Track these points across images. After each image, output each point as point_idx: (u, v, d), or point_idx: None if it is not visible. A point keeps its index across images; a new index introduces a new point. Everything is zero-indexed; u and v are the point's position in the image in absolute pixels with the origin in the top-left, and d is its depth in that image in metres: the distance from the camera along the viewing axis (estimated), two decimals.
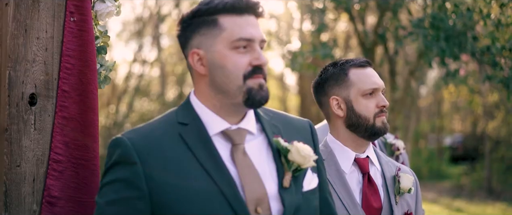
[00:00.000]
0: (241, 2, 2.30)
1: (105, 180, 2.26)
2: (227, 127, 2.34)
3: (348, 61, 3.18)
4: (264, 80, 2.32)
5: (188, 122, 2.33)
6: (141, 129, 2.34)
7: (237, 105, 2.32)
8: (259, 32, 2.32)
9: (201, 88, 2.37)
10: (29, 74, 2.65)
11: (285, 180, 2.32)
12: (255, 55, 2.30)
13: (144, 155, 2.22)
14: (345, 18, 10.76)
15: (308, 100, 19.24)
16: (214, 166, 2.24)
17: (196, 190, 2.20)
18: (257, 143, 2.39)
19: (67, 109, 2.77)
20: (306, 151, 2.35)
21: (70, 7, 2.79)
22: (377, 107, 3.08)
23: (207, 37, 2.30)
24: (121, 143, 2.25)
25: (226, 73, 2.28)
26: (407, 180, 3.11)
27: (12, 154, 2.58)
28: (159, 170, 2.21)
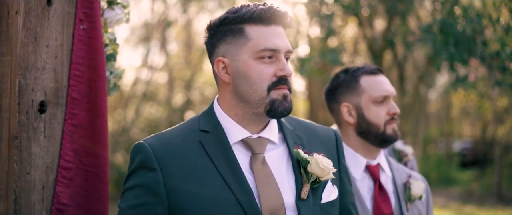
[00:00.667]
0: (268, 12, 2.31)
1: (127, 185, 2.31)
2: (247, 136, 2.35)
3: (360, 68, 3.17)
4: (288, 91, 2.33)
5: (210, 129, 2.35)
6: (162, 135, 2.37)
7: (259, 115, 2.34)
8: (285, 42, 2.33)
9: (224, 96, 2.39)
10: (39, 82, 2.66)
11: (303, 191, 2.33)
12: (280, 66, 2.31)
13: (164, 162, 2.25)
14: (354, 23, 10.75)
15: (316, 105, 19.20)
16: (232, 174, 2.25)
17: (213, 197, 2.21)
18: (278, 153, 2.40)
19: (77, 116, 2.77)
20: (325, 163, 2.34)
21: (80, 15, 2.80)
22: (388, 114, 3.07)
23: (233, 46, 2.32)
24: (142, 149, 2.29)
25: (249, 83, 2.29)
26: (418, 187, 3.10)
27: (22, 161, 2.59)
28: (177, 177, 2.24)
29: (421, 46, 8.12)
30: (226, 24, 2.34)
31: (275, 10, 2.33)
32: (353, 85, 3.13)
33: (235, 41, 2.32)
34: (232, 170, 2.27)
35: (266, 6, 2.33)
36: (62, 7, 2.74)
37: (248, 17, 2.31)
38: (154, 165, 2.25)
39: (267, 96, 2.29)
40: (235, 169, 2.27)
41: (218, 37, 2.36)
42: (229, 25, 2.33)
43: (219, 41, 2.36)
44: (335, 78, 3.23)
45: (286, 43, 2.34)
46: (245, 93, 2.31)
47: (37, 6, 2.64)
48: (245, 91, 2.31)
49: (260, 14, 2.31)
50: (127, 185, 2.31)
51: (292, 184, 2.35)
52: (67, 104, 2.76)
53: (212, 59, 2.41)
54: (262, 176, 2.29)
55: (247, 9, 2.32)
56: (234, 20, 2.32)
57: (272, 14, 2.32)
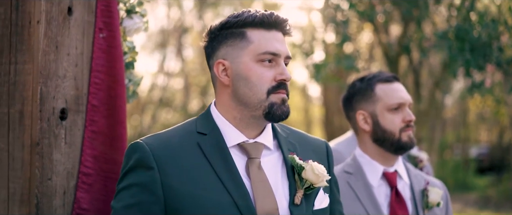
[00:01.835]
0: (270, 18, 2.35)
1: (122, 184, 2.30)
2: (244, 140, 2.36)
3: (375, 76, 3.20)
4: (287, 96, 2.35)
5: (207, 132, 2.36)
6: (160, 135, 2.38)
7: (257, 118, 2.35)
8: (285, 48, 2.36)
9: (223, 99, 2.40)
10: (60, 89, 2.71)
11: (297, 197, 2.34)
12: (279, 70, 2.33)
13: (162, 161, 2.26)
14: (369, 29, 10.76)
15: (332, 111, 19.20)
16: (230, 178, 2.27)
17: (210, 199, 2.23)
18: (272, 159, 2.41)
19: (96, 123, 2.82)
20: (321, 170, 2.36)
21: (99, 23, 2.85)
22: (403, 122, 3.09)
23: (234, 49, 2.34)
24: (140, 147, 2.29)
25: (249, 85, 2.32)
26: (435, 194, 3.11)
27: (44, 167, 2.64)
28: (175, 177, 2.25)
29: (436, 52, 8.11)
30: (228, 27, 2.37)
31: (276, 16, 2.36)
32: (368, 93, 3.16)
33: (236, 44, 2.34)
34: (230, 173, 2.28)
35: (268, 12, 2.37)
36: (82, 16, 2.80)
37: (250, 21, 2.34)
38: (152, 164, 2.25)
39: (266, 99, 2.31)
40: (233, 172, 2.29)
41: (219, 40, 2.39)
42: (231, 28, 2.36)
43: (219, 44, 2.38)
44: (351, 86, 3.27)
45: (286, 49, 2.37)
46: (244, 96, 2.33)
47: (58, 15, 2.70)
48: (245, 94, 2.32)
49: (262, 19, 2.34)
50: (122, 185, 2.30)
51: (285, 190, 2.36)
52: (87, 111, 2.81)
53: (211, 62, 2.42)
54: (258, 180, 2.30)
55: (249, 14, 2.35)
56: (236, 24, 2.35)
57: (274, 19, 2.36)
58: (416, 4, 8.20)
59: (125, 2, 3.00)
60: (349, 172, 3.17)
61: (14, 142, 2.61)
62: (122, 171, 2.33)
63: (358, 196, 3.07)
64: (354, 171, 3.15)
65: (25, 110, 2.59)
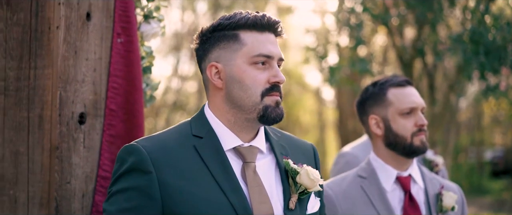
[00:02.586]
0: (262, 20, 2.33)
1: (116, 187, 2.25)
2: (240, 144, 2.35)
3: (388, 80, 3.20)
4: (280, 99, 2.34)
5: (203, 135, 2.34)
6: (155, 138, 2.34)
7: (251, 121, 2.34)
8: (278, 50, 2.35)
9: (216, 102, 2.38)
10: (78, 94, 2.74)
11: (291, 201, 2.34)
12: (273, 72, 2.32)
13: (159, 164, 2.22)
14: (383, 32, 10.75)
15: (346, 114, 19.18)
16: (227, 182, 2.26)
17: (208, 203, 2.21)
18: (266, 162, 2.40)
19: (115, 127, 2.85)
20: (315, 175, 2.35)
21: (117, 29, 2.88)
22: (415, 126, 3.09)
23: (226, 51, 2.33)
24: (136, 150, 2.25)
25: (243, 87, 2.30)
26: (449, 198, 3.11)
27: (63, 171, 2.67)
28: (173, 180, 2.21)
29: (451, 55, 8.09)
30: (220, 30, 2.35)
31: (269, 18, 2.35)
32: (380, 98, 3.17)
33: (229, 46, 2.32)
34: (228, 177, 2.26)
35: (260, 14, 2.35)
36: (100, 22, 2.83)
37: (243, 23, 2.32)
38: (150, 167, 2.21)
39: (260, 101, 2.29)
40: (231, 176, 2.27)
41: (211, 43, 2.36)
42: (223, 31, 2.34)
43: (212, 46, 2.36)
44: (364, 91, 3.28)
45: (279, 51, 2.36)
46: (238, 99, 2.31)
47: (77, 21, 2.73)
48: (239, 96, 2.31)
49: (255, 21, 2.32)
50: (116, 188, 2.24)
51: (280, 194, 2.36)
52: (106, 115, 2.84)
53: (203, 65, 2.40)
54: (254, 185, 2.29)
55: (242, 16, 2.34)
56: (229, 26, 2.33)
57: (266, 21, 2.34)
58: (431, 7, 8.18)
59: (142, 7, 3.04)
60: (363, 176, 3.18)
61: (33, 146, 2.64)
62: (114, 174, 2.28)
63: (372, 200, 3.08)
64: (367, 175, 3.16)
65: (44, 114, 2.63)
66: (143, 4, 3.04)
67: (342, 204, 3.09)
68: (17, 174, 2.65)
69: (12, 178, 2.66)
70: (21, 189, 2.64)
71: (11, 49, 2.67)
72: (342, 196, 3.12)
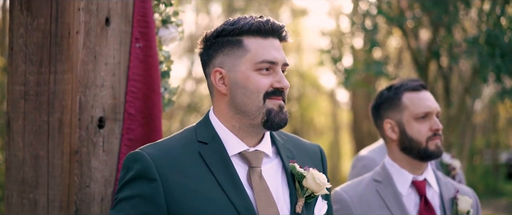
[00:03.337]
0: (266, 25, 2.32)
1: (122, 194, 2.25)
2: (245, 149, 2.34)
3: (403, 84, 3.20)
4: (283, 103, 2.33)
5: (208, 141, 2.34)
6: (160, 145, 2.34)
7: (255, 127, 2.33)
8: (282, 55, 2.34)
9: (220, 107, 2.38)
10: (98, 98, 2.77)
11: (298, 205, 2.33)
12: (277, 78, 2.31)
13: (164, 172, 2.22)
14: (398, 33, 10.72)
15: (360, 117, 19.11)
16: (232, 188, 2.26)
17: (213, 208, 2.21)
18: (272, 166, 2.40)
19: (133, 131, 2.87)
20: (321, 179, 2.35)
21: (136, 33, 2.90)
22: (430, 130, 3.09)
23: (230, 57, 2.32)
24: (141, 158, 2.25)
25: (247, 93, 2.29)
26: (465, 202, 3.11)
27: (82, 175, 2.70)
28: (178, 188, 2.21)
29: (466, 58, 8.07)
30: (224, 35, 2.34)
31: (272, 23, 2.33)
32: (395, 102, 3.17)
33: (233, 52, 2.31)
34: (233, 183, 2.26)
35: (264, 19, 2.34)
36: (119, 27, 2.86)
37: (246, 29, 2.31)
38: (155, 175, 2.21)
39: (263, 105, 2.28)
40: (236, 182, 2.27)
41: (215, 48, 2.35)
42: (227, 36, 2.33)
43: (216, 52, 2.35)
44: (379, 95, 3.28)
45: (283, 56, 2.34)
46: (242, 104, 2.30)
47: (96, 26, 2.76)
48: (242, 102, 2.30)
49: (258, 26, 2.31)
50: (122, 195, 2.25)
51: (286, 198, 2.35)
52: (124, 120, 2.86)
53: (208, 71, 2.39)
54: (260, 189, 2.29)
55: (245, 21, 2.32)
56: (232, 32, 2.32)
57: (270, 27, 2.32)
58: (446, 10, 8.16)
59: (160, 12, 3.06)
60: (378, 180, 3.18)
61: (53, 150, 2.67)
62: (121, 181, 2.29)
63: (387, 204, 3.08)
64: (383, 179, 3.17)
65: (64, 119, 2.66)
66: (162, 9, 3.07)
67: (358, 208, 3.10)
68: (37, 178, 2.68)
69: (32, 182, 2.69)
70: (41, 193, 2.67)
71: (31, 54, 2.71)
72: (357, 200, 3.12)
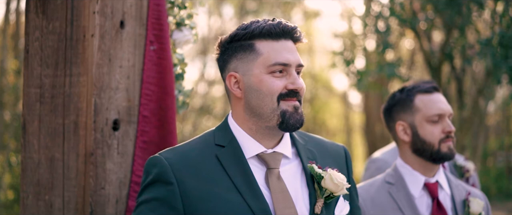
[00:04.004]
0: (277, 27, 2.34)
1: (141, 198, 2.31)
2: (262, 151, 2.36)
3: (415, 87, 3.21)
4: (299, 103, 2.34)
5: (225, 144, 2.37)
6: (178, 149, 2.39)
7: (271, 129, 2.35)
8: (295, 57, 2.35)
9: (237, 111, 2.41)
10: (112, 101, 2.79)
11: (317, 206, 2.34)
12: (291, 79, 2.32)
13: (181, 175, 2.27)
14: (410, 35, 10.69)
15: (373, 118, 19.06)
16: (249, 190, 2.28)
17: (230, 211, 2.24)
18: (292, 167, 2.41)
19: (148, 134, 2.89)
20: (340, 179, 2.36)
21: (150, 36, 2.92)
22: (442, 132, 3.09)
23: (243, 62, 2.35)
24: (159, 162, 2.30)
25: (261, 96, 2.31)
26: (476, 204, 3.11)
27: (97, 177, 2.71)
28: (194, 190, 2.25)
29: (480, 60, 8.03)
30: (237, 40, 2.37)
31: (284, 25, 2.35)
32: (407, 104, 3.17)
33: (246, 56, 2.34)
34: (249, 185, 2.28)
35: (275, 22, 2.36)
36: (134, 30, 2.88)
37: (257, 33, 2.33)
38: (171, 178, 2.26)
39: (277, 107, 2.30)
40: (252, 184, 2.29)
41: (229, 53, 2.39)
42: (240, 41, 2.36)
43: (230, 57, 2.38)
44: (391, 97, 3.28)
45: (297, 57, 2.35)
46: (256, 107, 2.32)
47: (111, 29, 2.78)
48: (257, 105, 2.32)
49: (269, 30, 2.33)
50: (142, 199, 2.30)
51: (306, 199, 2.37)
52: (139, 122, 2.88)
53: (224, 75, 2.42)
54: (278, 191, 2.30)
55: (257, 25, 2.35)
56: (244, 36, 2.35)
57: (281, 29, 2.34)
58: (459, 11, 8.13)
59: (174, 15, 3.07)
60: (391, 182, 3.18)
61: (69, 152, 2.69)
62: (141, 185, 2.34)
63: (400, 206, 3.08)
64: (395, 181, 3.17)
65: (79, 121, 2.68)
66: (176, 12, 3.08)
67: (371, 210, 3.10)
68: (52, 180, 2.71)
69: (47, 184, 2.71)
70: (56, 194, 2.69)
71: (47, 57, 2.73)
72: (370, 202, 3.12)
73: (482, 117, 10.10)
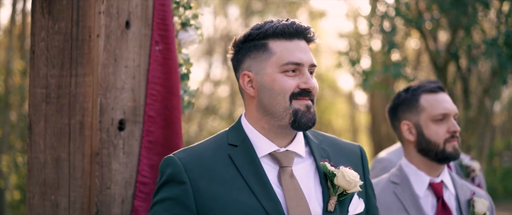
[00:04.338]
0: (290, 27, 2.36)
1: (156, 198, 2.34)
2: (275, 149, 2.38)
3: (420, 86, 3.20)
4: (311, 103, 2.36)
5: (238, 143, 2.39)
6: (192, 149, 2.42)
7: (284, 128, 2.37)
8: (308, 56, 2.37)
9: (250, 110, 2.43)
10: (118, 101, 2.79)
11: (330, 204, 2.35)
12: (303, 79, 2.34)
13: (194, 175, 2.30)
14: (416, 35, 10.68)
15: (379, 119, 19.03)
16: (261, 188, 2.30)
17: (243, 210, 2.26)
18: (305, 166, 2.42)
19: (153, 134, 2.90)
20: (352, 176, 2.36)
21: (156, 37, 2.93)
22: (447, 132, 3.09)
23: (257, 61, 2.37)
24: (172, 162, 2.33)
25: (273, 95, 2.33)
26: (481, 204, 3.10)
27: (103, 177, 2.72)
28: (207, 190, 2.28)
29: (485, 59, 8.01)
30: (251, 40, 2.39)
31: (297, 25, 2.37)
32: (413, 104, 3.17)
33: (259, 56, 2.36)
34: (261, 183, 2.30)
35: (289, 22, 2.38)
36: (139, 30, 2.88)
37: (271, 33, 2.35)
38: (184, 178, 2.29)
39: (289, 106, 2.32)
40: (264, 182, 2.31)
41: (243, 53, 2.41)
42: (253, 41, 2.39)
43: (244, 56, 2.41)
44: (396, 96, 3.28)
45: (310, 57, 2.37)
46: (269, 106, 2.34)
47: (117, 29, 2.79)
48: (269, 103, 2.34)
49: (282, 29, 2.35)
50: (157, 198, 2.34)
51: (319, 197, 2.37)
52: (144, 122, 2.89)
53: (237, 75, 2.45)
54: (290, 189, 2.32)
55: (270, 25, 2.37)
56: (258, 36, 2.37)
57: (295, 29, 2.36)
58: (465, 11, 8.12)
59: (180, 15, 3.08)
60: (396, 182, 3.18)
61: (74, 152, 2.70)
62: (157, 184, 2.38)
63: (405, 206, 3.08)
64: (400, 181, 3.16)
65: (85, 121, 2.69)
66: (181, 12, 3.09)
67: None
68: (58, 180, 2.71)
69: (53, 184, 2.72)
70: (62, 194, 2.70)
71: (53, 58, 2.74)
72: None
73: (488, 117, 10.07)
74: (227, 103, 25.30)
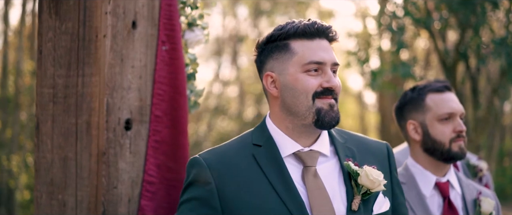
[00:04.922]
0: (311, 27, 2.38)
1: (183, 198, 2.39)
2: (299, 149, 2.40)
3: (427, 86, 3.20)
4: (334, 101, 2.37)
5: (262, 143, 2.42)
6: (216, 149, 2.46)
7: (307, 127, 2.39)
8: (330, 55, 2.38)
9: (274, 110, 2.45)
10: (125, 101, 2.80)
11: (354, 203, 2.36)
12: (326, 78, 2.36)
13: (218, 175, 2.33)
14: (425, 35, 10.65)
15: (388, 118, 18.98)
16: (284, 188, 2.31)
17: (266, 210, 2.28)
18: (329, 166, 2.44)
19: (160, 133, 2.91)
20: (375, 175, 2.37)
21: (162, 36, 2.93)
22: (453, 132, 3.08)
23: (279, 61, 2.39)
24: (197, 163, 2.38)
25: (296, 94, 2.35)
26: (488, 204, 3.10)
27: (110, 176, 2.73)
28: (232, 189, 2.31)
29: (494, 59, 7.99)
30: (273, 41, 2.42)
31: (318, 25, 2.39)
32: (419, 103, 3.16)
33: (282, 56, 2.38)
34: (285, 183, 2.32)
35: (310, 22, 2.40)
36: (145, 30, 2.89)
37: (292, 33, 2.38)
38: (209, 179, 2.33)
39: (312, 105, 2.34)
40: (287, 182, 2.32)
41: (265, 54, 2.44)
42: (276, 41, 2.41)
43: (266, 57, 2.43)
44: (403, 96, 3.28)
45: (332, 56, 2.38)
46: (292, 105, 2.36)
47: (123, 29, 2.80)
48: (292, 103, 2.36)
49: (304, 29, 2.37)
50: (183, 198, 2.38)
51: (343, 196, 2.38)
52: (151, 121, 2.90)
53: (261, 76, 2.48)
54: (314, 188, 2.33)
55: (292, 25, 2.39)
56: (280, 37, 2.39)
57: (316, 28, 2.38)
58: (474, 11, 8.10)
59: (186, 15, 3.09)
60: (402, 182, 3.18)
61: (81, 152, 2.71)
62: (184, 184, 2.42)
63: (411, 206, 3.07)
64: (406, 180, 3.16)
65: (92, 121, 2.70)
66: (187, 12, 3.10)
67: None
68: (65, 179, 2.73)
69: (61, 183, 2.74)
70: (69, 194, 2.72)
71: (60, 58, 2.76)
72: None
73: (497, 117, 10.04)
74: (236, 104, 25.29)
